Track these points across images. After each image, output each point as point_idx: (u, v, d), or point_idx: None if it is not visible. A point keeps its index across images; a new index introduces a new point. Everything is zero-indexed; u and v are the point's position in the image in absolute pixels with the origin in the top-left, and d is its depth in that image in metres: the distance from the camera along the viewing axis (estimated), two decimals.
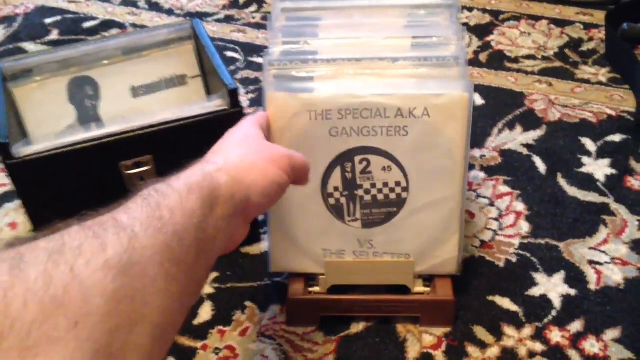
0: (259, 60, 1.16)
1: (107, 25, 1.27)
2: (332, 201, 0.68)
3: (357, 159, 0.67)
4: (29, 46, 1.22)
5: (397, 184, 0.68)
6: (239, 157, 0.51)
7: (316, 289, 0.72)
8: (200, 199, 0.44)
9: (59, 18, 1.30)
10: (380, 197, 0.68)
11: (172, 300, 0.40)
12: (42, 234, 0.39)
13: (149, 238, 0.40)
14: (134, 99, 0.79)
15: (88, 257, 0.36)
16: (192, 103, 0.70)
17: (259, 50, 1.18)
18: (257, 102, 1.06)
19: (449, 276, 0.71)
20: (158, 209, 0.42)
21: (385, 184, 0.68)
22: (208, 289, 0.77)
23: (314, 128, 0.65)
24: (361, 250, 0.70)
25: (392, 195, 0.68)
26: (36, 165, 0.65)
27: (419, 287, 0.71)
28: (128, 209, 0.42)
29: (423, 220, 0.69)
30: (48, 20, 1.29)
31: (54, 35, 1.25)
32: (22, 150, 0.64)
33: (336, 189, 0.68)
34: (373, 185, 0.68)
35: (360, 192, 0.68)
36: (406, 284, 0.71)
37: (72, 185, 0.68)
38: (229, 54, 1.18)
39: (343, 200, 0.68)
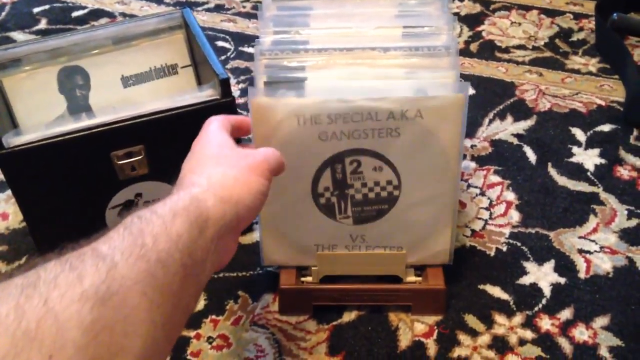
0: (250, 49, 1.15)
1: (96, 14, 1.26)
2: (322, 200, 0.68)
3: (348, 160, 0.66)
4: (17, 35, 1.21)
5: (389, 182, 0.67)
6: (221, 174, 0.50)
7: (308, 279, 0.72)
8: (187, 222, 0.43)
9: (47, 7, 1.29)
10: (371, 195, 0.68)
11: (156, 329, 0.39)
12: (19, 271, 0.38)
13: (129, 267, 0.39)
14: (125, 89, 0.78)
15: (63, 290, 0.36)
16: (183, 93, 0.70)
17: (250, 39, 1.18)
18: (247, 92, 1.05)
19: (441, 265, 0.72)
20: (140, 236, 0.41)
21: (377, 183, 0.67)
22: None
23: (303, 133, 0.64)
24: (353, 244, 0.71)
25: (384, 194, 0.68)
26: (27, 156, 0.65)
27: (411, 277, 0.72)
28: (109, 238, 0.41)
29: (416, 215, 0.69)
30: (36, 9, 1.28)
31: (42, 24, 1.24)
32: (12, 141, 0.64)
33: (327, 189, 0.67)
34: (364, 185, 0.67)
35: (351, 191, 0.68)
36: (398, 274, 0.71)
37: (63, 176, 0.68)
38: (220, 43, 1.17)
39: (334, 199, 0.68)
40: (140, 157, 0.69)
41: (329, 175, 0.67)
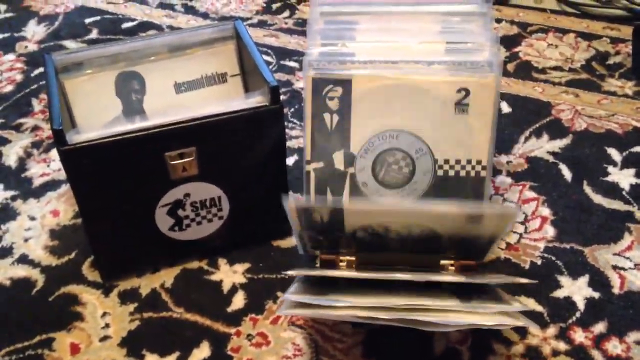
0: (291, 63, 1.19)
1: (145, 26, 1.32)
2: None
3: None
4: (69, 44, 1.26)
5: None
6: None
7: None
8: None
9: (98, 18, 1.34)
10: None
11: None
12: None
13: None
14: (177, 95, 0.82)
15: None
16: (234, 99, 0.73)
17: (291, 54, 1.22)
18: (289, 103, 1.09)
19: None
20: None
21: None
22: (241, 279, 0.80)
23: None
24: None
25: None
26: (87, 153, 0.68)
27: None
28: None
29: None
30: (87, 20, 1.34)
31: (94, 34, 1.29)
32: (75, 138, 0.68)
33: None
34: None
35: None
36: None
37: (119, 174, 0.71)
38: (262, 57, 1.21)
39: None
40: (191, 159, 0.72)
41: None
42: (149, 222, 0.76)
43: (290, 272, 0.62)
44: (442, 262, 0.71)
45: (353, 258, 0.72)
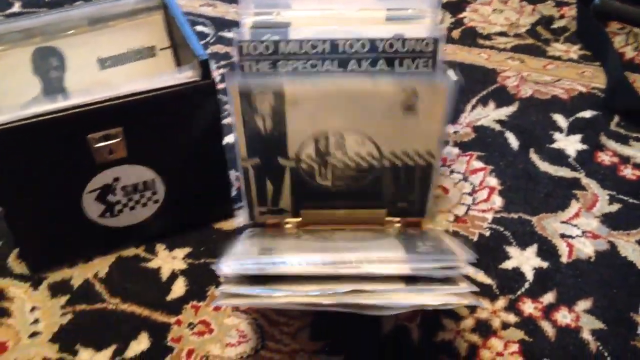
0: (230, 34, 1.13)
1: None
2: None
3: None
4: None
5: None
6: None
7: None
8: None
9: None
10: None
11: None
12: None
13: None
14: (101, 71, 0.76)
15: None
16: (162, 74, 0.68)
17: (230, 24, 1.16)
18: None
19: None
20: None
21: None
22: (181, 265, 0.76)
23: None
24: None
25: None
26: (1, 137, 0.63)
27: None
28: None
29: None
30: None
31: (16, 7, 1.21)
32: None
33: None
34: None
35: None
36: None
37: (38, 159, 0.66)
38: (199, 28, 1.15)
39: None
40: (118, 140, 0.67)
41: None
42: (77, 210, 0.71)
43: (223, 268, 0.59)
44: (387, 218, 0.70)
45: (298, 219, 0.69)
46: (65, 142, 0.66)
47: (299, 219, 0.71)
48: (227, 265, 0.58)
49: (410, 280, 0.59)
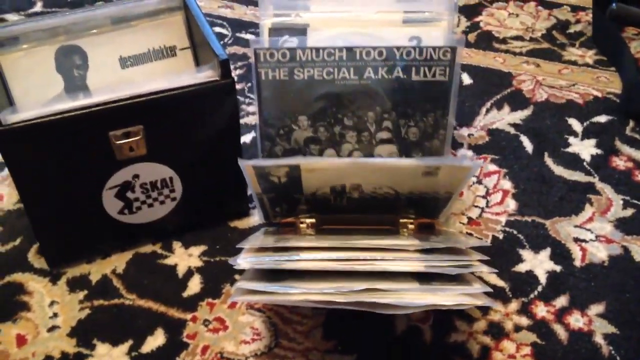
0: (247, 36, 1.14)
1: None
2: None
3: None
4: (12, 17, 1.19)
5: None
6: None
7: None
8: None
9: None
10: None
11: None
12: None
13: None
14: (123, 70, 0.78)
15: None
16: (182, 73, 0.69)
17: (247, 26, 1.17)
18: (245, 78, 1.05)
19: None
20: None
21: None
22: (197, 262, 0.77)
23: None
24: None
25: None
26: (24, 134, 0.64)
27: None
28: None
29: None
30: None
31: (38, 7, 1.23)
32: (10, 118, 0.63)
33: None
34: None
35: None
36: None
37: (60, 155, 0.67)
38: (217, 29, 1.16)
39: None
40: (138, 138, 0.68)
41: None
42: (97, 206, 0.72)
43: (240, 262, 0.59)
44: (402, 220, 0.70)
45: (313, 220, 0.70)
46: (87, 139, 0.67)
47: (313, 220, 0.71)
48: (244, 259, 0.59)
49: (423, 279, 0.59)
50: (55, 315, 0.72)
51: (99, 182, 0.71)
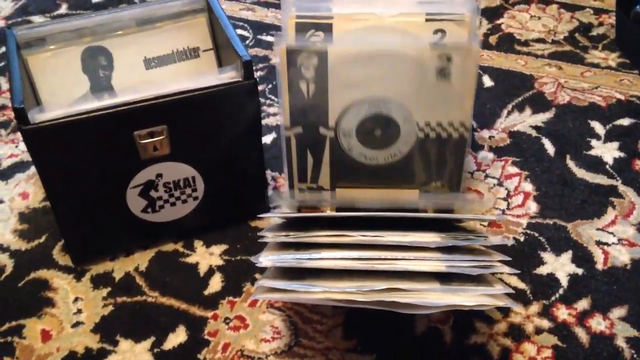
0: (268, 38, 1.15)
1: (115, 0, 1.27)
2: None
3: None
4: (37, 19, 1.22)
5: None
6: None
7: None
8: None
9: None
10: None
11: None
12: None
13: None
14: (147, 71, 0.79)
15: None
16: (205, 74, 0.70)
17: (268, 28, 1.18)
18: (266, 79, 1.06)
19: None
20: None
21: None
22: (218, 261, 0.78)
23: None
24: None
25: None
26: (51, 132, 0.65)
27: None
28: None
29: None
30: None
31: (63, 9, 1.25)
32: (37, 117, 0.64)
33: None
34: None
35: None
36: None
37: (86, 154, 0.68)
38: (238, 31, 1.17)
39: None
40: (162, 137, 0.69)
41: None
42: (120, 204, 0.73)
43: (262, 260, 0.60)
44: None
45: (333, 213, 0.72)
46: (112, 138, 0.68)
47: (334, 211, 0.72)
48: (265, 257, 0.60)
49: (444, 279, 0.59)
50: (79, 311, 0.73)
51: (123, 181, 0.72)
